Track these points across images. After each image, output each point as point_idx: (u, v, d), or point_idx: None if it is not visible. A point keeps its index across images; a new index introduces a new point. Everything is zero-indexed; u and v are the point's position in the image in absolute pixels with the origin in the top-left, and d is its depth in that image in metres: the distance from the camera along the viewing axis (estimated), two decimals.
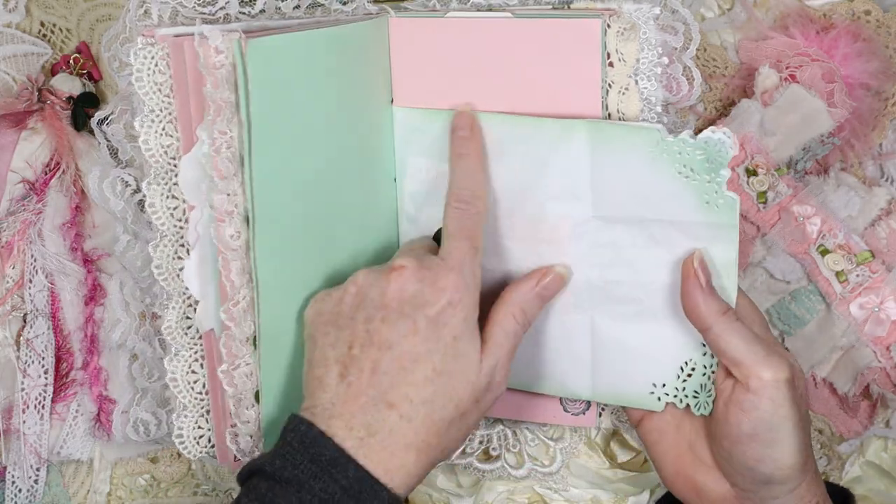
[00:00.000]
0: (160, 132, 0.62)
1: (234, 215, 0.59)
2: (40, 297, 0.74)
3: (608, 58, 0.64)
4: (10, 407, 0.74)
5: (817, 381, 0.73)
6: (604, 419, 0.71)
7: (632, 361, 0.64)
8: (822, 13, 0.73)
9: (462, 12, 0.66)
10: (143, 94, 0.61)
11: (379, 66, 0.66)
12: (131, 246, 0.69)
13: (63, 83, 0.74)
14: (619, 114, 0.65)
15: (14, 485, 0.74)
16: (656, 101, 0.65)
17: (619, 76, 0.65)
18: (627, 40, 0.64)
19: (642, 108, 0.65)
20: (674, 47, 0.67)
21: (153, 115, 0.62)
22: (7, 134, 0.73)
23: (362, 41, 0.64)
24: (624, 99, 0.65)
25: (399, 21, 0.66)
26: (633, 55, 0.64)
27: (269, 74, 0.57)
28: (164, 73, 0.61)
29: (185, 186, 0.61)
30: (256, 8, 0.67)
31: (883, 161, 0.74)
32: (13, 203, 0.73)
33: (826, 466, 0.75)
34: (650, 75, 0.65)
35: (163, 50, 0.61)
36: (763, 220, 0.72)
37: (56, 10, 0.75)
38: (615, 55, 0.64)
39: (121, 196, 0.68)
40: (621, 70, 0.65)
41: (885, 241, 0.71)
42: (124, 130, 0.67)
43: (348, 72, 0.63)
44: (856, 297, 0.71)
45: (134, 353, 0.74)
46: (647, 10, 0.64)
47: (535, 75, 0.64)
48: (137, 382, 0.73)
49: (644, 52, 0.65)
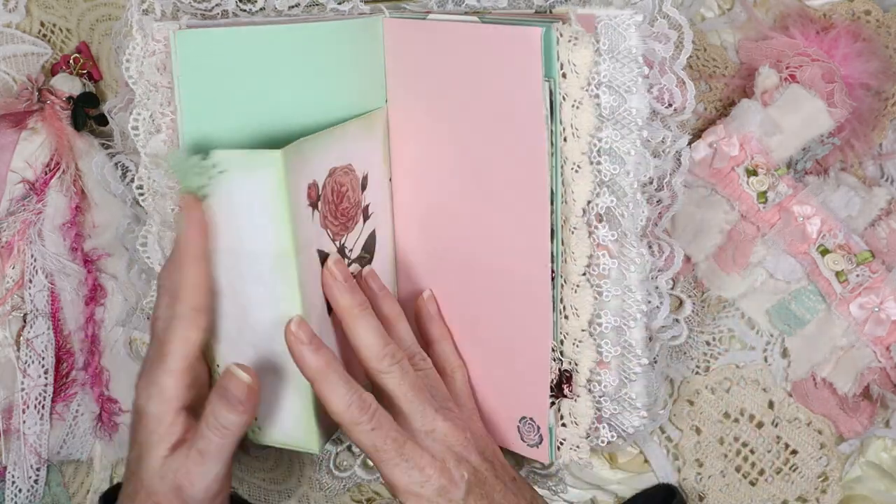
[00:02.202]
0: (147, 118, 0.65)
1: (175, 190, 0.65)
2: (40, 297, 0.74)
3: (561, 68, 0.60)
4: (10, 407, 0.74)
5: (817, 381, 0.73)
6: (563, 453, 0.67)
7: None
8: (822, 13, 0.73)
9: (442, 15, 0.65)
10: (132, 84, 0.64)
11: (370, 66, 0.66)
12: (131, 228, 0.71)
13: (63, 83, 0.74)
14: (573, 129, 0.60)
15: (14, 485, 0.74)
16: (636, 114, 0.60)
17: (572, 88, 0.60)
18: (577, 50, 0.59)
19: (599, 125, 0.60)
20: (664, 56, 0.64)
21: (142, 103, 0.65)
22: (7, 134, 0.73)
23: (343, 41, 0.65)
24: (577, 113, 0.60)
25: (390, 22, 0.66)
26: (586, 66, 0.59)
27: (202, 64, 0.60)
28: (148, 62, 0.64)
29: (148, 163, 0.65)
30: (256, 6, 0.67)
31: (883, 161, 0.74)
32: (13, 203, 0.73)
33: (826, 466, 0.75)
34: (625, 87, 0.60)
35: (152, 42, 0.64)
36: (763, 220, 0.72)
37: (56, 10, 0.75)
38: (567, 66, 0.59)
39: (121, 181, 0.71)
40: (574, 82, 0.60)
41: (885, 241, 0.71)
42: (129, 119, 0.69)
43: (321, 69, 0.64)
44: (856, 297, 0.71)
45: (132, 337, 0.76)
46: (628, 17, 0.59)
47: (487, 84, 0.61)
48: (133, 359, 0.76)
49: (607, 63, 0.59)
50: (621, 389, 0.65)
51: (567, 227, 0.62)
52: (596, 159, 0.61)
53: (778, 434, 0.75)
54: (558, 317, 0.64)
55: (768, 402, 0.75)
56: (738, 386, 0.75)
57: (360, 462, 0.75)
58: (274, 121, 0.62)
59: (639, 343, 0.64)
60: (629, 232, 0.62)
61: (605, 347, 0.64)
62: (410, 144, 0.67)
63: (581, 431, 0.66)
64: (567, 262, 0.63)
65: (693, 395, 0.75)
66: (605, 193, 0.61)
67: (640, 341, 0.64)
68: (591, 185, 0.61)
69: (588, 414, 0.65)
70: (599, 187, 0.61)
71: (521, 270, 0.63)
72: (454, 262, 0.66)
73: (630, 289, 0.63)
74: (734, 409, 0.75)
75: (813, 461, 0.75)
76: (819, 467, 0.75)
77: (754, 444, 0.75)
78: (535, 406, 0.65)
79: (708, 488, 0.75)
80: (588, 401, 0.65)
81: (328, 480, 0.76)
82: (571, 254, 0.62)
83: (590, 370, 0.64)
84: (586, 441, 0.66)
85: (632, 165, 0.61)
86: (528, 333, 0.64)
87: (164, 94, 0.64)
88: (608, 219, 0.62)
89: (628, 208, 0.62)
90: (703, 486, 0.75)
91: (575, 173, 0.61)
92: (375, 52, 0.66)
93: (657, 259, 0.68)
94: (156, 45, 0.63)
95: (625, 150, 0.61)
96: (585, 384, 0.65)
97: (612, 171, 0.61)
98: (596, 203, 0.61)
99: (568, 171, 0.61)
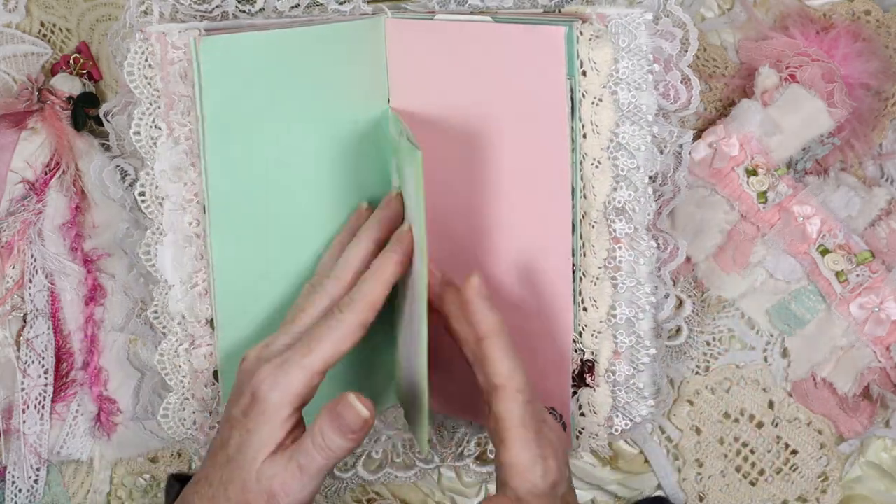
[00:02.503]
0: (150, 124, 0.64)
1: (194, 203, 0.63)
2: (40, 297, 0.74)
3: (581, 66, 0.61)
4: (10, 407, 0.74)
5: (817, 381, 0.73)
6: (582, 442, 0.68)
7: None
8: (822, 13, 0.73)
9: (450, 15, 0.65)
10: (134, 87, 0.63)
11: (373, 66, 0.66)
12: (130, 233, 0.70)
13: (63, 83, 0.74)
14: (593, 125, 0.62)
15: (14, 485, 0.74)
16: (647, 111, 0.61)
17: (592, 86, 0.61)
18: (598, 48, 0.60)
19: (618, 120, 0.62)
20: (670, 54, 0.65)
21: (143, 108, 0.64)
22: (7, 134, 0.73)
23: (348, 41, 0.65)
24: (598, 110, 0.61)
25: (394, 22, 0.66)
26: (606, 63, 0.61)
27: (225, 71, 0.60)
28: (153, 67, 0.63)
29: (160, 176, 0.64)
30: (256, 7, 0.67)
31: (883, 161, 0.74)
32: (13, 203, 0.73)
33: (826, 466, 0.75)
34: (636, 84, 0.61)
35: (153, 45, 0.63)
36: (763, 220, 0.72)
37: (56, 10, 0.75)
38: (588, 64, 0.61)
39: (120, 185, 0.70)
40: (594, 80, 0.61)
41: (885, 241, 0.71)
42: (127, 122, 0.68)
43: (328, 71, 0.64)
44: (856, 297, 0.71)
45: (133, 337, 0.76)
46: (638, 15, 0.60)
47: (507, 82, 0.62)
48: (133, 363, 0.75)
49: (625, 61, 0.61)
50: (631, 379, 0.67)
51: (587, 221, 0.64)
52: (613, 155, 0.62)
53: (778, 434, 0.75)
54: (577, 309, 0.66)
55: (768, 402, 0.75)
56: (738, 386, 0.75)
57: (362, 462, 0.75)
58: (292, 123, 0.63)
59: (647, 334, 0.66)
60: (640, 225, 0.64)
61: (620, 338, 0.66)
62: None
63: (600, 420, 0.67)
64: (587, 256, 0.64)
65: (693, 395, 0.75)
66: (623, 188, 0.63)
67: (648, 332, 0.66)
68: (610, 180, 0.62)
69: (607, 402, 0.67)
70: (617, 182, 0.63)
71: (543, 265, 0.64)
72: (471, 261, 0.67)
73: (640, 281, 0.65)
74: (734, 409, 0.75)
75: (813, 461, 0.75)
76: (819, 467, 0.75)
77: (754, 444, 0.75)
78: (557, 396, 0.67)
79: (708, 488, 0.75)
80: (606, 390, 0.66)
81: (329, 480, 0.76)
82: (591, 247, 0.64)
83: (608, 360, 0.66)
84: (604, 429, 0.67)
85: (642, 160, 0.62)
86: (550, 326, 0.65)
87: (185, 104, 0.62)
88: (624, 212, 0.63)
89: (640, 202, 0.63)
90: (703, 486, 0.75)
91: (595, 169, 0.62)
92: (378, 52, 0.66)
93: (663, 251, 0.69)
94: (175, 52, 0.61)
95: (636, 145, 0.62)
96: (604, 374, 0.66)
97: (630, 165, 0.62)
98: (613, 197, 0.63)
99: (588, 167, 0.63)
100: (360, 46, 0.65)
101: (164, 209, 0.64)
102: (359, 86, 0.66)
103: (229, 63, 0.60)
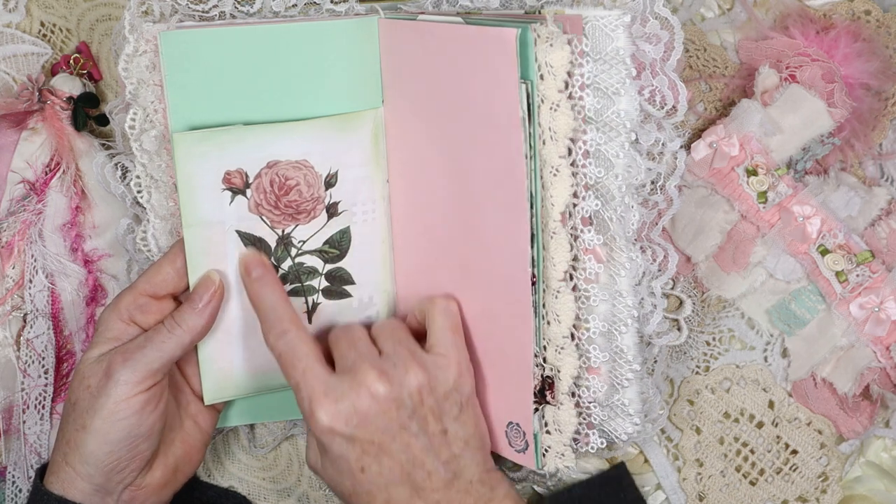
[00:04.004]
0: (143, 117, 0.66)
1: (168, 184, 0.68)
2: (41, 297, 0.74)
3: (538, 70, 0.58)
4: (11, 407, 0.74)
5: (817, 381, 0.73)
6: (548, 460, 0.65)
7: None
8: (822, 13, 0.73)
9: (430, 16, 0.65)
10: (128, 83, 0.66)
11: (364, 66, 0.66)
12: (131, 229, 0.72)
13: (63, 83, 0.74)
14: (551, 132, 0.59)
15: (14, 485, 0.74)
16: (625, 116, 0.59)
17: (550, 91, 0.58)
18: (553, 51, 0.57)
19: (583, 127, 0.59)
20: (654, 58, 0.62)
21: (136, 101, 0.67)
22: (7, 134, 0.73)
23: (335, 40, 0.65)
24: (556, 116, 0.58)
25: (385, 23, 0.66)
26: (563, 67, 0.57)
27: (188, 64, 0.63)
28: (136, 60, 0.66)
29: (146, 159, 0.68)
30: (254, 7, 0.67)
31: (883, 161, 0.74)
32: (13, 203, 0.73)
33: (826, 466, 0.75)
34: (613, 89, 0.59)
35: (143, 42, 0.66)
36: (763, 220, 0.72)
37: (56, 10, 0.75)
38: (545, 67, 0.58)
39: (121, 182, 0.71)
40: (551, 84, 0.58)
41: (885, 241, 0.71)
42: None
43: (309, 69, 0.65)
44: (856, 297, 0.71)
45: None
46: (616, 17, 0.58)
47: (468, 85, 0.61)
48: None
49: (593, 65, 0.58)
50: (613, 396, 0.65)
51: (547, 231, 0.61)
52: (581, 162, 0.60)
53: (778, 434, 0.75)
54: (541, 322, 0.63)
55: (768, 402, 0.75)
56: (738, 386, 0.75)
57: None
58: (259, 118, 0.65)
59: (630, 349, 0.64)
60: (618, 236, 0.62)
61: (594, 353, 0.63)
62: (402, 145, 0.67)
63: (565, 439, 0.64)
64: (547, 267, 0.62)
65: (693, 395, 0.75)
66: (591, 197, 0.60)
67: (631, 347, 0.64)
68: (569, 188, 0.60)
69: (571, 422, 0.64)
70: (585, 191, 0.60)
71: (504, 274, 0.62)
72: (447, 265, 0.66)
73: (621, 294, 0.63)
74: (734, 409, 0.75)
75: (813, 461, 0.75)
76: (819, 467, 0.75)
77: (754, 444, 0.75)
78: (520, 411, 0.64)
79: (708, 488, 0.75)
80: (571, 408, 0.64)
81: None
82: (551, 259, 0.61)
83: (573, 377, 0.63)
84: (571, 449, 0.64)
85: (620, 168, 0.60)
86: (513, 338, 0.63)
87: (155, 92, 0.66)
88: (596, 222, 0.61)
89: (616, 212, 0.61)
90: (703, 486, 0.75)
91: (553, 177, 0.60)
92: (370, 52, 0.66)
93: (651, 263, 0.67)
94: (147, 45, 0.65)
95: (613, 152, 0.60)
96: (568, 391, 0.63)
97: (599, 174, 0.60)
98: (582, 207, 0.61)
99: (546, 175, 0.60)
100: (347, 45, 0.65)
101: (152, 196, 0.68)
102: (346, 85, 0.66)
103: (191, 56, 0.63)
